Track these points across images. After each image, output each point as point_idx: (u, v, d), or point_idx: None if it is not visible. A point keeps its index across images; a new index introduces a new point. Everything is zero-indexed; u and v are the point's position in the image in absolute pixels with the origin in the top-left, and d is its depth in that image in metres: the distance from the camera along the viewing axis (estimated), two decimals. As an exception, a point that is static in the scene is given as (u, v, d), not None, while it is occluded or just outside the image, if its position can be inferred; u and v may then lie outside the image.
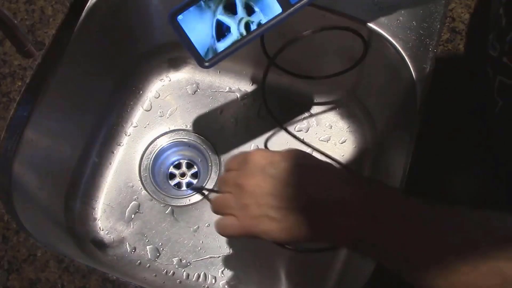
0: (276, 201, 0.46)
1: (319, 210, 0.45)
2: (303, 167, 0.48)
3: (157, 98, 0.79)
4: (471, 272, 0.36)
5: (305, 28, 0.65)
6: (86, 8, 0.66)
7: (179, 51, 0.78)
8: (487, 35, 0.53)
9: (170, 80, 0.80)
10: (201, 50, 0.52)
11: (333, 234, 0.45)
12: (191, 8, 0.50)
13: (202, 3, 0.50)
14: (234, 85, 0.80)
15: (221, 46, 0.52)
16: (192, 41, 0.51)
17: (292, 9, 0.50)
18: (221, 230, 0.51)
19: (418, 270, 0.40)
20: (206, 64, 0.52)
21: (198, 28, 0.51)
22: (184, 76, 0.80)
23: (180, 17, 0.50)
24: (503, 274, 0.35)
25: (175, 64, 0.80)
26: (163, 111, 0.78)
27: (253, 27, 0.51)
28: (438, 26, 0.65)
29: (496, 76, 0.51)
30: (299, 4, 0.50)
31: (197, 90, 0.80)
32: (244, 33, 0.51)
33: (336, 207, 0.44)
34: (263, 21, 0.51)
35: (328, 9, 0.67)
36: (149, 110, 0.78)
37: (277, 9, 0.50)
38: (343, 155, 0.76)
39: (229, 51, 0.52)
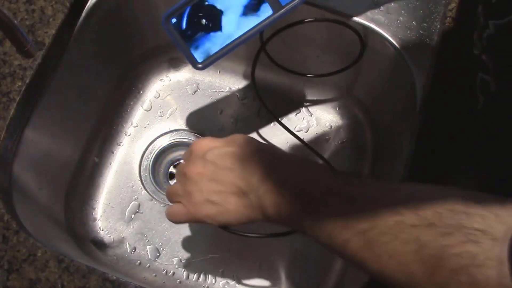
0: (217, 185, 0.49)
1: (257, 192, 0.47)
2: (243, 151, 0.50)
3: (157, 98, 0.79)
4: (392, 241, 0.38)
5: (303, 27, 0.65)
6: (86, 8, 0.66)
7: (179, 51, 0.78)
8: (472, 35, 0.53)
9: (170, 80, 0.80)
10: (195, 52, 0.53)
11: (271, 214, 0.46)
12: (184, 11, 0.51)
13: (196, 5, 0.51)
14: (234, 85, 0.80)
15: (214, 48, 0.53)
16: (186, 43, 0.52)
17: (282, 10, 0.51)
18: (170, 217, 0.54)
19: (346, 248, 0.41)
20: (200, 66, 0.53)
21: (191, 30, 0.52)
22: (184, 76, 0.80)
23: (173, 19, 0.52)
24: (419, 241, 0.36)
25: (175, 64, 0.80)
26: (163, 111, 0.78)
27: (245, 29, 0.52)
28: (438, 26, 0.65)
29: (477, 73, 0.51)
30: (289, 6, 0.51)
31: (197, 90, 0.80)
32: (236, 35, 0.52)
33: (272, 187, 0.46)
34: (255, 23, 0.51)
35: (328, 8, 0.67)
36: (149, 110, 0.78)
37: (267, 11, 0.51)
38: (343, 155, 0.76)
39: (222, 52, 0.53)
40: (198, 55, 0.53)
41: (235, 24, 0.52)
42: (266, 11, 0.51)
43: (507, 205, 0.34)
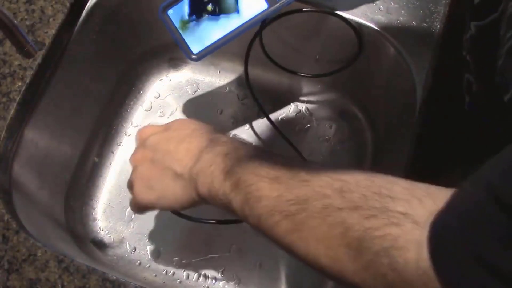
0: (155, 171, 0.50)
1: (190, 173, 0.47)
2: (179, 134, 0.51)
3: (157, 98, 0.79)
4: (320, 225, 0.38)
5: (302, 26, 0.65)
6: (86, 8, 0.66)
7: (179, 51, 0.78)
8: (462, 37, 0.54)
9: (170, 80, 0.80)
10: (190, 43, 0.54)
11: (204, 195, 0.47)
12: (181, 2, 0.53)
13: None
14: (234, 85, 0.80)
15: (209, 40, 0.53)
16: (182, 34, 0.54)
17: (277, 4, 0.52)
18: (131, 209, 0.56)
19: (275, 230, 0.41)
20: (194, 57, 0.54)
21: (187, 21, 0.53)
22: (184, 76, 0.80)
23: (170, 11, 0.53)
24: (345, 224, 0.36)
25: (175, 64, 0.80)
26: (163, 111, 0.78)
27: (241, 22, 0.53)
28: (438, 26, 0.65)
29: (464, 73, 0.51)
30: (284, 0, 0.52)
31: (197, 90, 0.80)
32: (231, 28, 0.53)
33: (202, 167, 0.47)
34: (250, 16, 0.53)
35: (328, 7, 0.67)
36: (149, 110, 0.78)
37: (263, 4, 0.52)
38: (343, 155, 0.76)
39: (216, 45, 0.54)
40: (194, 47, 0.54)
41: (230, 17, 0.53)
42: (261, 5, 0.52)
43: (431, 192, 0.35)
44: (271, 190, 0.42)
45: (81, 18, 0.66)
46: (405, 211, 0.34)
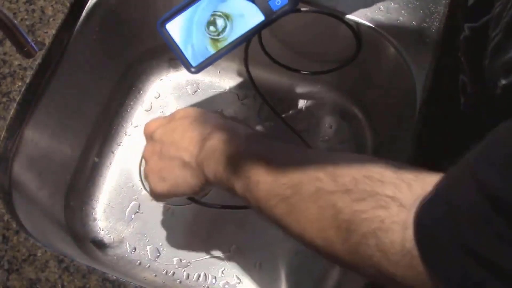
0: (164, 162, 0.52)
1: (196, 159, 0.50)
2: (183, 123, 0.53)
3: (157, 98, 0.79)
4: (312, 208, 0.39)
5: (302, 26, 0.65)
6: (86, 8, 0.66)
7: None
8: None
9: (170, 80, 0.80)
10: (189, 56, 0.54)
11: (211, 179, 0.49)
12: (179, 16, 0.54)
13: (190, 11, 0.54)
14: (234, 85, 0.80)
15: (208, 52, 0.54)
16: (181, 47, 0.54)
17: (274, 16, 0.53)
18: (152, 198, 0.59)
19: (273, 213, 0.43)
20: (193, 69, 0.55)
21: (186, 35, 0.54)
22: (184, 76, 0.80)
23: (168, 25, 0.54)
24: (336, 207, 0.38)
25: (175, 64, 0.80)
26: (163, 111, 0.78)
27: (238, 34, 0.54)
28: (438, 26, 0.65)
29: (459, 74, 0.52)
30: (281, 11, 0.53)
31: (197, 90, 0.80)
32: (230, 39, 0.54)
33: (207, 153, 0.49)
34: (247, 28, 0.54)
35: (327, 8, 0.67)
36: (149, 110, 0.78)
37: (259, 16, 0.53)
38: (343, 155, 0.76)
39: (215, 57, 0.55)
40: (192, 59, 0.54)
41: (228, 29, 0.54)
42: (257, 17, 0.54)
43: (420, 176, 0.36)
44: (267, 174, 0.43)
45: (81, 18, 0.66)
46: (393, 194, 0.35)
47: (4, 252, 0.53)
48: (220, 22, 0.54)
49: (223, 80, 0.80)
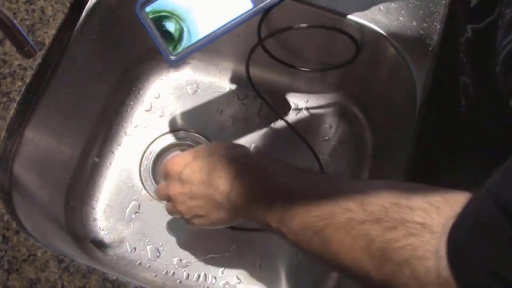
0: (198, 201, 0.54)
1: (228, 199, 0.51)
2: (209, 161, 0.53)
3: (157, 98, 0.79)
4: (345, 238, 0.40)
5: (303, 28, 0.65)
6: (86, 8, 0.66)
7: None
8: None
9: (170, 80, 0.80)
10: (170, 43, 0.50)
11: (244, 215, 0.51)
12: (160, 0, 0.49)
13: None
14: (234, 85, 0.80)
15: (190, 40, 0.50)
16: (160, 34, 0.50)
17: (263, 3, 0.49)
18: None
19: (309, 246, 0.44)
20: (173, 58, 0.50)
21: (167, 20, 0.50)
22: (184, 76, 0.80)
23: (148, 8, 0.50)
24: (368, 236, 0.38)
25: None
26: (163, 111, 0.78)
27: (223, 21, 0.49)
28: (438, 26, 0.65)
29: (460, 76, 0.52)
30: (269, 1, 0.49)
31: (197, 90, 0.80)
32: (214, 27, 0.49)
33: (238, 192, 0.50)
34: (233, 16, 0.49)
35: (327, 8, 0.67)
36: (149, 110, 0.78)
37: (247, 4, 0.49)
38: (343, 155, 0.76)
39: (197, 45, 0.50)
40: (173, 48, 0.50)
41: (213, 16, 0.49)
42: (246, 5, 0.49)
43: (447, 197, 0.36)
44: (300, 208, 0.44)
45: (81, 18, 0.66)
46: (423, 221, 0.35)
47: (4, 252, 0.53)
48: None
49: (223, 80, 0.80)
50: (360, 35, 0.67)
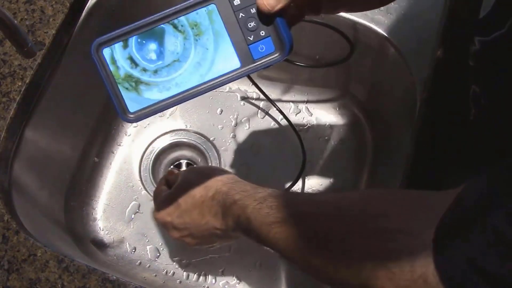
0: (199, 239, 0.56)
1: (226, 228, 0.52)
2: (191, 203, 0.54)
3: (157, 98, 0.79)
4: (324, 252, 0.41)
5: (301, 26, 0.64)
6: (86, 8, 0.66)
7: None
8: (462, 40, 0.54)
9: (170, 80, 0.80)
10: (127, 97, 0.40)
11: (240, 236, 0.52)
12: (121, 43, 0.40)
13: (138, 38, 0.39)
14: (234, 85, 0.80)
15: (156, 97, 0.39)
16: (118, 84, 0.40)
17: (252, 65, 0.39)
18: None
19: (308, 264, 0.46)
20: (130, 117, 0.40)
21: (128, 67, 0.40)
22: (184, 76, 0.80)
23: (106, 49, 0.41)
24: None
25: (175, 64, 0.80)
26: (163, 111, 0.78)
27: (201, 80, 0.40)
28: (438, 26, 0.65)
29: (471, 84, 0.52)
30: (262, 62, 0.39)
31: (197, 90, 0.80)
32: (188, 85, 0.39)
33: (236, 222, 0.50)
34: (214, 75, 0.40)
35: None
36: (149, 110, 0.78)
37: (234, 62, 0.39)
38: (343, 155, 0.76)
39: (163, 105, 0.40)
40: (131, 103, 0.40)
41: (189, 71, 0.39)
42: (232, 62, 0.39)
43: (429, 202, 0.36)
44: (290, 231, 0.45)
45: (81, 18, 0.66)
46: (399, 227, 0.36)
47: (4, 252, 0.53)
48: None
49: (223, 80, 0.80)
50: (352, 32, 0.66)
